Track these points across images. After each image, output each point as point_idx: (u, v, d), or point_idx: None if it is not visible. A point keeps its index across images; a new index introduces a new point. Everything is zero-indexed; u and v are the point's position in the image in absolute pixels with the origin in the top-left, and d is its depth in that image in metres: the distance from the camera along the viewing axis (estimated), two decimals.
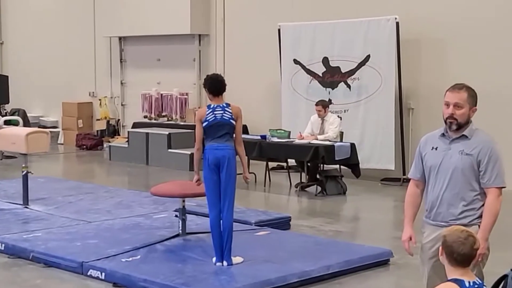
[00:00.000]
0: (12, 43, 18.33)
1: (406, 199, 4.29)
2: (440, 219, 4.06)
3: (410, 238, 4.18)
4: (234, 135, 6.14)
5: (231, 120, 6.06)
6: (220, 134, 6.03)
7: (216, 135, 6.03)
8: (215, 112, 6.04)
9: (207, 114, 6.02)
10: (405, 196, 4.31)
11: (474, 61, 10.75)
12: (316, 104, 10.63)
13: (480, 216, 4.00)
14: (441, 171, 4.06)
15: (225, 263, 6.08)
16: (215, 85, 6.13)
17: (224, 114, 6.05)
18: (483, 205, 4.01)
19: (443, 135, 4.12)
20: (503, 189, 4.04)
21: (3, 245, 6.87)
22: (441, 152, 4.08)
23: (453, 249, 3.21)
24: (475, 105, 4.06)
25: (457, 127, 4.03)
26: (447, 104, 4.04)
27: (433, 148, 4.12)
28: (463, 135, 4.05)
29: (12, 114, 15.81)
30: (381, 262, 6.57)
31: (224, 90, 6.18)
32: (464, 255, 3.20)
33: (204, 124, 6.01)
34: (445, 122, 4.08)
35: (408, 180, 10.83)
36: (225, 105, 6.10)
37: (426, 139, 4.21)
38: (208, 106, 6.11)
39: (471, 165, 4.00)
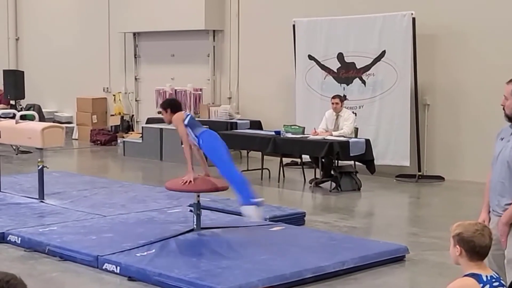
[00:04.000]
0: (27, 39, 18.41)
1: (486, 185, 4.29)
2: (493, 208, 4.11)
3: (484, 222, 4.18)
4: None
5: None
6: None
7: (198, 124, 7.24)
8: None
9: (183, 114, 7.17)
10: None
11: (492, 57, 10.66)
12: (333, 97, 10.61)
13: None
14: (497, 162, 4.10)
15: None
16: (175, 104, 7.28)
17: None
18: None
19: (511, 126, 4.14)
20: None
21: (19, 238, 6.90)
22: (503, 143, 4.10)
23: (475, 243, 3.19)
24: None
25: (507, 118, 4.05)
26: (504, 96, 4.08)
27: (500, 138, 4.15)
28: None
29: (28, 110, 15.85)
30: (396, 258, 6.54)
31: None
32: (486, 246, 3.21)
33: (188, 119, 7.09)
34: None
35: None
36: None
37: (502, 129, 4.24)
38: None
39: None
